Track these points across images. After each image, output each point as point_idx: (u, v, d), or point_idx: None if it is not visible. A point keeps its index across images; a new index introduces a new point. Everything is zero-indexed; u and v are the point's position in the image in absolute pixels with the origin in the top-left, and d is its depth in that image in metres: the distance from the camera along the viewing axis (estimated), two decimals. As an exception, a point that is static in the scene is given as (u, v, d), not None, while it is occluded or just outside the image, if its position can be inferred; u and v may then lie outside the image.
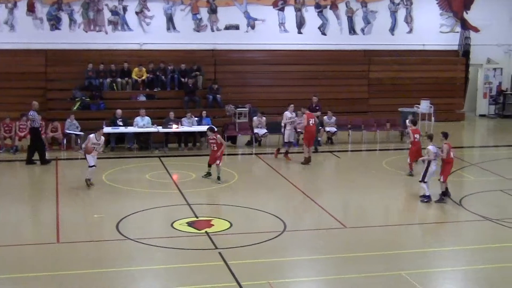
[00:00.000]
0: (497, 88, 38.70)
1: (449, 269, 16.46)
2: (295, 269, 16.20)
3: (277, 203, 21.28)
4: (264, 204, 20.82)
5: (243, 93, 33.53)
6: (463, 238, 18.80)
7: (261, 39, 34.95)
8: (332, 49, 35.78)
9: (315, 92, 31.44)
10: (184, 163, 26.38)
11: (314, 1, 35.78)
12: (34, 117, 25.76)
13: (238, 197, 21.73)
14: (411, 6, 37.09)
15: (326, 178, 25.75)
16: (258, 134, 29.50)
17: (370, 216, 20.67)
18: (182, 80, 32.28)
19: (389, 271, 15.71)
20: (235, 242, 17.52)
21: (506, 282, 15.62)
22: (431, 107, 32.47)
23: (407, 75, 36.02)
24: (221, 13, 34.69)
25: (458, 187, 23.47)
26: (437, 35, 37.48)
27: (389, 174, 25.30)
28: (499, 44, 38.09)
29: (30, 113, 25.85)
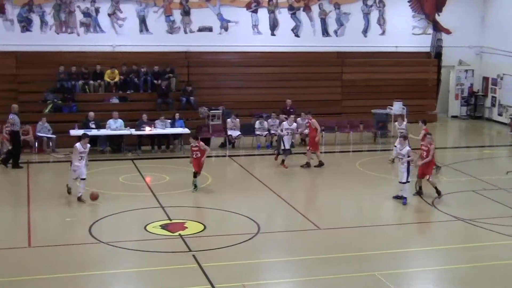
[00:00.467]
0: (469, 90, 38.96)
1: (422, 269, 16.54)
2: (269, 271, 16.17)
3: (251, 205, 21.24)
4: (238, 206, 20.79)
5: (217, 95, 33.45)
6: (436, 238, 18.90)
7: (235, 41, 34.91)
8: (305, 51, 35.83)
9: (289, 94, 31.54)
10: (158, 165, 26.29)
11: (287, 3, 35.81)
12: (14, 120, 25.56)
13: (212, 199, 21.67)
14: (384, 8, 37.24)
15: (300, 179, 25.76)
16: (231, 136, 29.48)
17: (343, 217, 20.72)
18: (155, 82, 32.15)
19: (362, 272, 15.74)
20: (209, 245, 17.48)
21: (479, 282, 15.72)
22: (403, 108, 32.62)
23: (380, 77, 36.14)
24: (194, 15, 34.60)
25: (431, 187, 23.56)
26: (410, 37, 37.66)
27: (363, 175, 25.37)
28: (471, 46, 38.36)
29: (10, 116, 25.62)
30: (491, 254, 17.42)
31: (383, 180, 24.74)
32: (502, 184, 23.88)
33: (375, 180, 24.71)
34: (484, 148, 31.17)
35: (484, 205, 21.76)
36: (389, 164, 25.90)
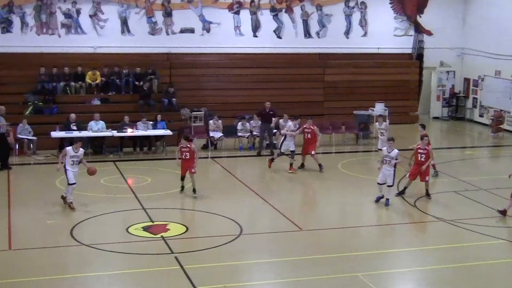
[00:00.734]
0: (450, 91, 39.10)
1: (404, 269, 16.59)
2: (251, 273, 16.16)
3: (233, 206, 21.22)
4: (220, 207, 20.76)
5: (199, 96, 33.38)
6: (418, 239, 18.96)
7: (217, 43, 34.85)
8: (287, 52, 35.82)
9: (271, 95, 31.54)
10: (140, 167, 26.20)
11: (270, 4, 35.78)
12: (0, 121, 25.40)
13: (194, 201, 21.63)
14: (366, 9, 37.28)
15: (282, 181, 25.75)
16: (214, 138, 29.43)
17: (326, 218, 20.73)
18: (137, 83, 32.04)
19: (345, 273, 15.77)
20: (191, 246, 17.49)
21: (461, 282, 15.77)
22: (385, 109, 32.68)
23: (362, 78, 36.19)
24: (176, 16, 34.50)
25: (413, 188, 23.63)
26: (391, 38, 37.75)
27: (345, 177, 25.41)
28: (452, 48, 38.49)
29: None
30: (473, 255, 17.49)
31: (366, 181, 24.76)
32: (484, 185, 23.99)
33: (357, 181, 24.75)
34: (466, 149, 31.28)
35: (466, 206, 21.85)
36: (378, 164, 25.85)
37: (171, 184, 23.08)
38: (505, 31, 34.98)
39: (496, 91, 35.93)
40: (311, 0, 36.20)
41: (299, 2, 36.14)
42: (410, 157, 22.40)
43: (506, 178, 21.59)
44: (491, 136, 33.93)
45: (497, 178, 25.40)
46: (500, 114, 34.82)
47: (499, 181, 24.75)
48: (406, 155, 22.70)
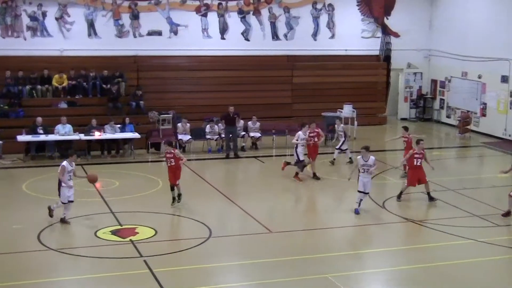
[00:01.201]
0: (418, 92, 39.33)
1: (373, 270, 16.65)
2: (221, 275, 16.13)
3: (202, 209, 21.16)
4: (189, 210, 20.71)
5: (167, 99, 33.24)
6: (386, 239, 19.02)
7: (184, 45, 34.71)
8: (255, 55, 35.79)
9: (239, 98, 31.53)
10: (108, 170, 26.01)
11: (237, 6, 35.74)
12: None
13: (163, 204, 21.49)
14: (333, 11, 37.38)
15: (251, 183, 25.75)
16: (182, 141, 29.32)
17: (295, 220, 20.74)
18: (104, 86, 31.83)
19: (314, 274, 15.79)
20: (160, 250, 17.39)
21: (430, 282, 15.85)
22: (353, 111, 32.81)
23: (330, 80, 36.26)
24: (143, 19, 34.33)
25: (381, 189, 23.76)
26: (359, 40, 37.88)
27: (313, 178, 25.43)
28: (419, 49, 38.71)
29: None
30: (441, 255, 17.60)
31: (335, 182, 24.86)
32: (451, 186, 24.16)
33: (325, 182, 24.79)
34: (433, 150, 31.43)
35: (434, 207, 21.98)
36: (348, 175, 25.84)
37: (140, 187, 22.96)
38: (471, 33, 35.27)
39: (462, 92, 36.21)
40: (278, 3, 36.22)
41: (267, 4, 36.15)
42: (406, 159, 22.38)
43: (473, 178, 21.83)
44: (458, 137, 34.18)
45: (465, 178, 25.67)
46: (467, 115, 35.10)
47: (467, 181, 25.00)
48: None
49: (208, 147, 29.60)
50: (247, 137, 30.19)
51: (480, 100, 34.97)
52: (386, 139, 31.43)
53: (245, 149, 29.81)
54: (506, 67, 32.84)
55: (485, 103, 34.67)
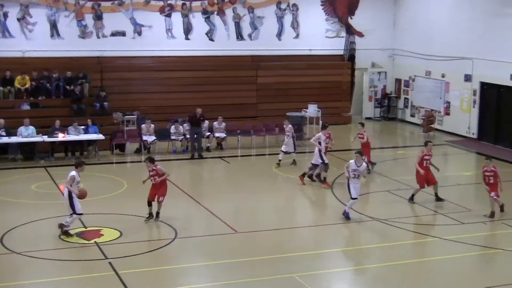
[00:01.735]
0: (382, 92, 39.54)
1: (339, 269, 16.71)
2: (186, 276, 16.08)
3: (167, 210, 21.02)
4: (154, 212, 20.55)
5: (131, 100, 33.04)
6: (352, 238, 19.11)
7: (148, 46, 34.52)
8: (220, 55, 35.72)
9: (204, 98, 31.45)
10: (72, 172, 25.78)
11: (201, 7, 35.63)
12: None
13: (127, 205, 21.40)
14: (297, 11, 37.44)
15: (216, 183, 25.70)
16: (146, 142, 29.18)
17: (261, 220, 20.76)
18: (68, 88, 31.54)
19: (280, 274, 15.80)
20: (125, 251, 17.30)
21: (396, 280, 15.93)
22: (318, 111, 32.89)
23: (294, 80, 36.31)
24: (106, 20, 34.10)
25: (346, 189, 23.79)
26: (323, 40, 37.97)
27: (279, 178, 25.46)
28: (383, 49, 38.92)
29: None
30: (406, 253, 17.72)
31: (299, 182, 24.87)
32: (416, 184, 24.26)
33: (291, 182, 24.81)
34: (398, 148, 31.65)
35: (398, 205, 22.12)
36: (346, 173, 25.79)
37: (104, 189, 22.79)
38: (435, 32, 35.52)
39: (426, 91, 36.46)
40: (243, 3, 36.19)
41: (231, 4, 36.10)
42: (416, 162, 22.34)
43: (437, 177, 21.95)
44: (422, 136, 34.38)
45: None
46: (431, 113, 35.35)
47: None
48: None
49: (173, 148, 29.48)
50: (212, 137, 30.13)
51: (444, 99, 35.24)
52: (351, 139, 31.50)
53: (210, 149, 29.75)
54: (469, 66, 33.12)
55: (448, 102, 34.94)
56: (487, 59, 31.93)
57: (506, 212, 20.68)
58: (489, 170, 20.51)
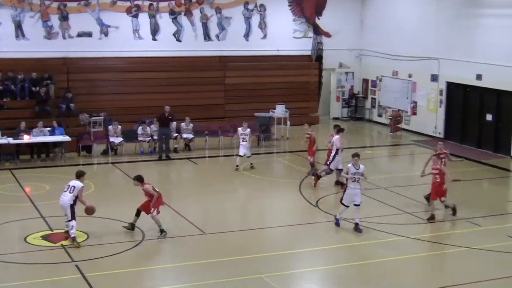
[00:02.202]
0: (349, 92, 39.67)
1: (307, 269, 16.73)
2: (154, 278, 16.00)
3: (135, 212, 20.92)
4: (121, 213, 20.43)
5: (98, 101, 32.80)
6: (320, 239, 19.10)
7: (115, 46, 34.30)
8: (187, 56, 35.59)
9: (171, 99, 31.32)
10: (37, 175, 25.59)
11: (168, 7, 35.49)
12: None
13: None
14: (265, 12, 37.44)
15: (184, 185, 25.61)
16: (114, 143, 29.01)
17: (229, 221, 20.74)
18: (33, 89, 31.26)
19: (248, 275, 15.80)
20: (92, 254, 17.20)
21: (363, 279, 15.98)
22: (286, 111, 32.92)
23: (262, 80, 36.30)
24: (73, 20, 33.82)
25: (313, 189, 23.86)
26: (291, 40, 38.01)
27: (247, 179, 25.43)
28: (350, 49, 39.04)
29: None
30: (373, 252, 17.78)
31: (268, 182, 24.91)
32: (383, 184, 24.42)
33: (259, 183, 24.82)
34: (365, 148, 31.76)
35: (365, 205, 22.14)
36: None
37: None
38: (401, 32, 35.73)
39: (393, 91, 36.66)
40: (210, 3, 36.11)
41: (198, 5, 36.00)
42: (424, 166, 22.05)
43: (404, 176, 22.07)
44: (389, 136, 34.58)
45: (396, 176, 26.02)
46: (398, 113, 35.54)
47: (398, 179, 25.33)
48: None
49: (140, 149, 29.31)
50: (179, 138, 30.02)
51: (410, 99, 35.45)
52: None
53: (178, 150, 29.64)
54: (435, 66, 33.35)
55: (415, 101, 35.16)
56: (453, 59, 32.19)
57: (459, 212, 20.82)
58: (435, 168, 20.35)
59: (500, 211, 21.19)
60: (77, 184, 18.29)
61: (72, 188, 18.26)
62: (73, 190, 18.21)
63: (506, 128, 29.70)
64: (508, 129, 29.54)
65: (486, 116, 30.99)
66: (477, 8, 31.20)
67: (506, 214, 21.10)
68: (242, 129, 26.80)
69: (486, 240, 19.00)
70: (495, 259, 17.48)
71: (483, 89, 30.91)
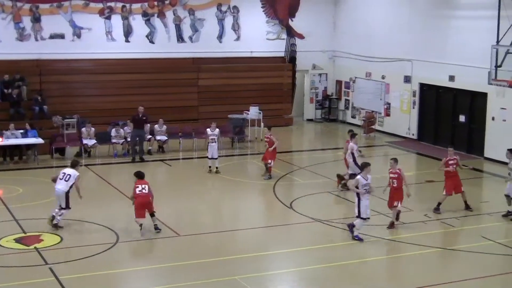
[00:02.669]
0: (323, 93, 39.76)
1: (281, 271, 16.75)
2: (128, 281, 15.98)
3: (109, 214, 20.90)
4: (95, 216, 20.40)
5: (71, 103, 32.60)
6: (295, 240, 19.13)
7: (88, 48, 34.15)
8: (160, 57, 35.49)
9: (145, 101, 31.21)
10: (10, 177, 25.42)
11: (141, 9, 35.36)
12: None
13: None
14: (238, 14, 37.44)
15: (158, 187, 25.48)
16: (87, 145, 28.87)
17: (203, 223, 20.72)
18: (5, 91, 31.04)
19: (223, 277, 15.79)
20: (66, 257, 17.16)
21: (337, 281, 16.03)
22: (260, 113, 32.93)
23: (236, 82, 36.29)
24: (45, 22, 33.60)
25: (288, 190, 23.92)
26: (264, 42, 38.04)
27: (221, 180, 25.42)
28: (324, 51, 39.14)
29: None
30: (347, 253, 17.83)
31: (242, 184, 24.93)
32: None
33: (233, 184, 24.83)
34: (339, 150, 31.84)
35: (339, 206, 22.30)
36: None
37: (44, 194, 22.46)
38: (374, 34, 35.87)
39: (367, 92, 36.80)
40: (183, 5, 36.04)
41: (171, 6, 35.93)
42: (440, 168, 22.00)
43: (378, 177, 22.10)
44: (363, 137, 34.68)
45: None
46: (372, 115, 35.68)
47: (372, 180, 25.32)
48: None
49: (114, 151, 29.20)
50: (153, 140, 29.94)
51: (384, 100, 35.61)
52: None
53: (151, 152, 29.56)
54: (408, 67, 33.53)
55: (389, 103, 35.32)
56: (426, 61, 32.38)
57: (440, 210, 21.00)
58: (393, 172, 19.98)
59: (474, 211, 21.33)
60: (73, 173, 19.35)
61: (67, 177, 19.26)
62: (69, 179, 19.24)
63: (479, 129, 29.91)
64: (481, 130, 29.75)
65: (459, 117, 31.21)
66: (449, 10, 31.43)
67: (480, 215, 21.23)
68: (210, 129, 26.77)
69: (460, 240, 19.17)
70: (469, 260, 17.62)
71: (456, 90, 31.13)
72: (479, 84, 28.78)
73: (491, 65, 26.46)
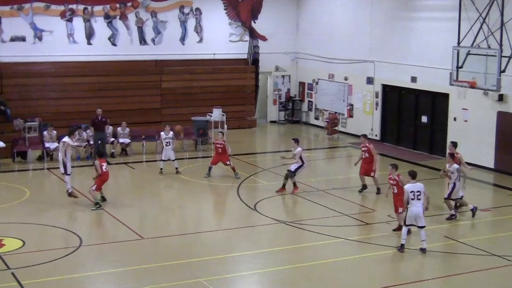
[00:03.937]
0: (286, 95, 39.83)
1: (246, 273, 16.74)
2: (92, 285, 15.86)
3: (72, 218, 20.74)
4: (58, 219, 20.24)
5: (32, 106, 32.30)
6: (259, 241, 19.15)
7: (50, 51, 33.84)
8: (123, 60, 35.29)
9: (107, 104, 31.04)
10: (-29, 181, 25.14)
11: (103, 11, 35.14)
12: None
13: (30, 214, 20.94)
14: (201, 16, 37.37)
15: (122, 189, 25.38)
16: (49, 149, 28.60)
17: (167, 226, 20.66)
18: (-35, 95, 30.73)
19: (187, 279, 15.75)
20: (29, 261, 16.95)
21: (302, 282, 16.05)
22: (223, 115, 32.88)
23: (199, 84, 36.25)
24: (5, 24, 33.24)
25: (252, 192, 23.93)
26: (227, 44, 38.02)
27: (185, 183, 25.35)
28: (287, 52, 39.22)
29: None
30: (312, 254, 17.88)
31: (205, 186, 24.88)
32: (321, 186, 24.59)
33: (197, 186, 24.77)
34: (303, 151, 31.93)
35: (304, 207, 22.34)
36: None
37: (5, 198, 22.24)
38: (337, 35, 36.04)
39: (330, 94, 36.92)
40: (145, 7, 35.88)
41: (133, 9, 35.75)
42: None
43: (341, 178, 22.24)
44: (326, 138, 34.82)
45: (333, 179, 26.17)
46: (335, 116, 35.81)
47: (335, 181, 25.50)
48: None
49: (76, 154, 28.95)
50: (116, 143, 29.76)
51: (347, 102, 35.76)
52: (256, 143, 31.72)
53: (114, 155, 29.37)
54: (371, 69, 33.73)
55: (352, 104, 35.49)
56: (388, 62, 32.59)
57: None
58: (392, 179, 19.64)
59: (436, 212, 21.48)
60: (65, 140, 22.10)
61: (62, 144, 22.06)
62: (62, 146, 21.96)
63: (441, 129, 30.17)
64: (442, 130, 30.02)
65: (421, 118, 31.46)
66: (410, 11, 31.66)
67: (442, 215, 21.38)
68: (164, 133, 26.66)
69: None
70: (431, 260, 17.74)
71: (418, 91, 31.37)
72: (441, 85, 29.03)
73: (453, 66, 26.77)
